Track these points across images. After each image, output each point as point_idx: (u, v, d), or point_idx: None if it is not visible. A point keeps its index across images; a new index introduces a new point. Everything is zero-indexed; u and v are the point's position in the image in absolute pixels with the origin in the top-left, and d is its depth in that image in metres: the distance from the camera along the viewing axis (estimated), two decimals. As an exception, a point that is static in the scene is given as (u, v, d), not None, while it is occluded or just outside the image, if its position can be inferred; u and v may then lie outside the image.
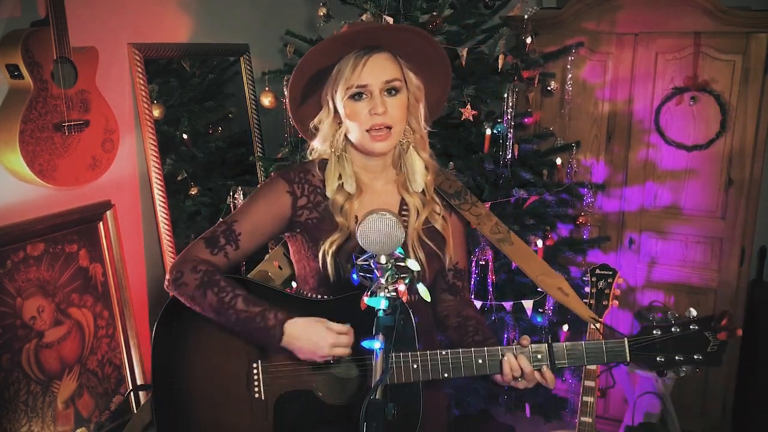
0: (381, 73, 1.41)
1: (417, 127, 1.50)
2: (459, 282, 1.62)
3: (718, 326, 1.35)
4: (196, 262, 1.44)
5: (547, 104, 3.07)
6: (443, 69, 1.50)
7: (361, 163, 1.51)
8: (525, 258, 1.57)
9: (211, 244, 1.47)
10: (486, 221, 1.56)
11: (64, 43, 2.10)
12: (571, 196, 2.75)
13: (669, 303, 3.06)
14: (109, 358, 2.49)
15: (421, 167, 1.52)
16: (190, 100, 2.83)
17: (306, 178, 1.51)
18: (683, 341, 1.36)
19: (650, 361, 1.37)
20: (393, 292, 1.19)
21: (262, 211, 1.49)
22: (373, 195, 1.52)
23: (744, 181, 2.86)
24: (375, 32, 1.42)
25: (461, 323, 1.56)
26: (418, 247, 1.50)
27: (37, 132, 2.08)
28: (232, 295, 1.39)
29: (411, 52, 1.44)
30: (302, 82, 1.46)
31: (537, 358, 1.37)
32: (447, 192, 1.56)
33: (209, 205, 2.84)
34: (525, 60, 2.57)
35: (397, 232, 1.17)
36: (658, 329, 1.37)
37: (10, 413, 2.14)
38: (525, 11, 2.62)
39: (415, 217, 1.52)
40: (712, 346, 1.35)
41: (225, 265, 1.47)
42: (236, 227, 1.47)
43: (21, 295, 2.18)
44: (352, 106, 1.42)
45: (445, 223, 1.55)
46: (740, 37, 2.76)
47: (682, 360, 1.36)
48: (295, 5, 3.29)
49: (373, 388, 1.12)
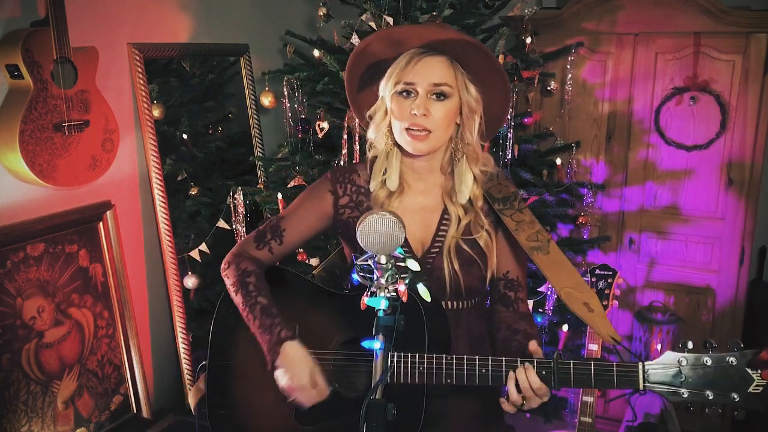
0: (431, 75, 1.39)
1: (470, 138, 1.47)
2: (511, 293, 1.54)
3: (758, 360, 1.13)
4: (242, 257, 1.54)
5: (547, 104, 3.07)
6: (502, 83, 1.46)
7: (407, 162, 1.50)
8: (556, 269, 1.46)
9: (258, 239, 1.56)
10: (526, 228, 1.48)
11: (64, 43, 2.10)
12: (571, 196, 2.75)
13: (669, 303, 3.06)
14: (109, 358, 2.49)
15: (470, 180, 1.49)
16: (190, 100, 2.83)
17: (350, 178, 1.55)
18: (717, 376, 1.14)
19: (671, 394, 1.17)
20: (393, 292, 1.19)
21: (306, 209, 1.56)
22: (416, 196, 1.52)
23: (744, 181, 2.85)
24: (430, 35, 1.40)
25: (508, 337, 1.49)
26: (454, 256, 1.48)
27: (37, 132, 2.08)
28: (253, 302, 1.47)
29: (468, 61, 1.42)
30: (360, 68, 1.47)
31: (542, 374, 1.27)
32: (493, 196, 1.51)
33: (209, 205, 2.84)
34: (525, 60, 2.57)
35: (397, 232, 1.17)
36: (686, 357, 1.16)
37: (10, 413, 2.14)
38: (525, 11, 2.62)
39: (456, 225, 1.49)
40: (756, 386, 1.12)
41: (269, 259, 1.56)
42: (282, 223, 1.55)
43: (21, 295, 2.18)
44: (398, 102, 1.42)
45: (489, 240, 1.51)
46: (740, 37, 2.76)
47: (712, 398, 1.15)
48: (295, 5, 3.29)
49: (373, 388, 1.12)
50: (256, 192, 2.71)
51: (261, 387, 1.51)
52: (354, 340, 1.47)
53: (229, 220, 2.72)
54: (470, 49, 1.41)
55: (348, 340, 1.49)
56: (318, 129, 2.54)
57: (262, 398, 1.51)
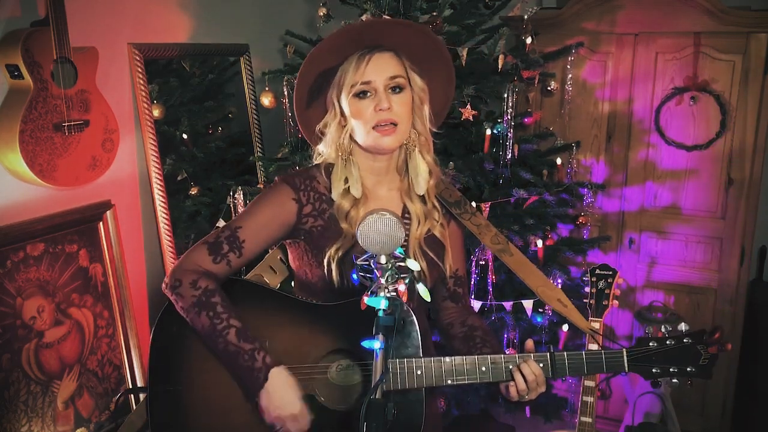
0: (385, 70, 1.41)
1: (422, 128, 1.50)
2: (460, 289, 1.62)
3: (710, 340, 1.40)
4: (197, 273, 1.41)
5: (547, 104, 3.07)
6: (446, 68, 1.50)
7: (366, 165, 1.50)
8: (525, 269, 1.57)
9: (214, 251, 1.43)
10: (486, 231, 1.56)
11: (64, 43, 2.10)
12: (571, 196, 2.75)
13: (669, 303, 3.06)
14: (109, 358, 2.49)
15: (425, 170, 1.51)
16: (190, 100, 2.83)
17: (311, 185, 1.49)
18: (677, 354, 1.42)
19: (646, 371, 1.43)
20: (393, 292, 1.19)
21: (266, 218, 1.47)
22: (377, 202, 1.51)
23: (744, 181, 2.86)
24: (376, 27, 1.43)
25: (467, 333, 1.56)
26: (419, 255, 1.50)
27: (37, 132, 2.08)
28: (226, 325, 1.36)
29: (414, 50, 1.44)
30: (309, 81, 1.46)
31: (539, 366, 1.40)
32: (448, 201, 1.55)
33: (209, 205, 2.84)
34: (525, 60, 2.57)
35: (397, 232, 1.17)
36: (654, 341, 1.43)
37: (10, 413, 2.14)
38: (525, 11, 2.62)
39: (417, 225, 1.51)
40: (704, 359, 1.41)
41: (226, 273, 1.45)
42: (240, 234, 1.44)
43: (21, 295, 2.18)
44: (357, 105, 1.42)
45: (444, 231, 1.55)
46: (740, 37, 2.76)
47: (675, 372, 1.42)
48: (295, 5, 3.29)
49: (373, 387, 1.12)
50: (256, 192, 2.71)
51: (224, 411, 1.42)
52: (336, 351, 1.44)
53: (229, 220, 2.71)
54: (410, 33, 1.43)
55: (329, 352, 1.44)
56: (318, 129, 2.53)
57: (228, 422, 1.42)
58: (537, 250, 2.55)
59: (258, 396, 1.35)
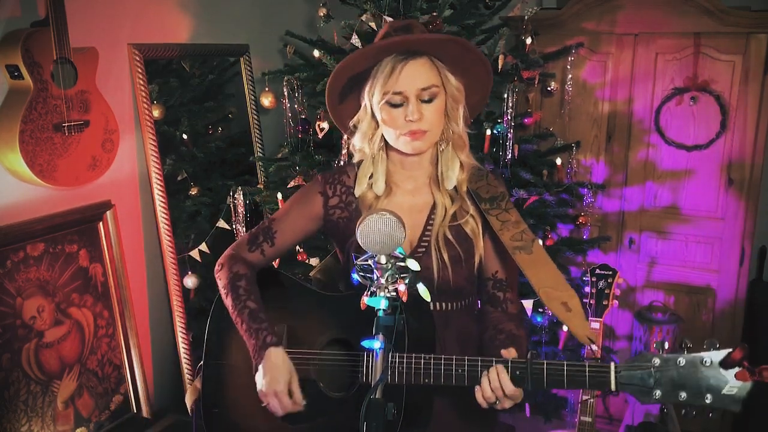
0: (417, 81, 1.40)
1: (456, 128, 1.49)
2: (500, 293, 1.54)
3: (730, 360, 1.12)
4: (235, 259, 1.56)
5: (547, 104, 3.07)
6: (484, 70, 1.49)
7: (398, 160, 1.51)
8: (539, 268, 1.45)
9: (251, 241, 1.58)
10: (511, 228, 1.47)
11: (64, 44, 2.10)
12: (571, 196, 2.75)
13: (669, 303, 3.06)
14: (109, 358, 2.49)
15: (457, 167, 1.51)
16: (190, 100, 2.83)
17: (340, 179, 1.55)
18: (690, 377, 1.13)
19: (643, 394, 1.16)
20: (393, 292, 1.19)
21: (296, 211, 1.58)
22: (404, 196, 1.52)
23: (744, 181, 2.86)
24: (412, 43, 1.40)
25: (492, 336, 1.49)
26: (443, 247, 1.47)
27: (37, 132, 2.08)
28: (242, 306, 1.49)
29: (449, 57, 1.43)
30: (339, 85, 1.47)
31: (515, 374, 1.28)
32: (480, 196, 1.51)
33: (209, 205, 2.84)
34: (525, 60, 2.57)
35: (398, 232, 1.17)
36: (659, 358, 1.14)
37: (10, 413, 2.14)
38: (525, 12, 2.62)
39: (443, 215, 1.50)
40: (730, 387, 1.09)
41: (262, 261, 1.58)
42: (274, 225, 1.57)
43: (21, 295, 2.18)
44: (389, 112, 1.42)
45: (476, 226, 1.51)
46: (740, 37, 2.76)
47: (685, 399, 1.13)
48: (295, 5, 3.29)
49: (373, 387, 1.12)
50: (256, 192, 2.71)
51: (252, 387, 1.51)
52: (341, 341, 1.49)
53: (229, 220, 2.72)
54: (445, 46, 1.42)
55: (334, 340, 1.50)
56: (318, 129, 2.54)
57: (253, 398, 1.51)
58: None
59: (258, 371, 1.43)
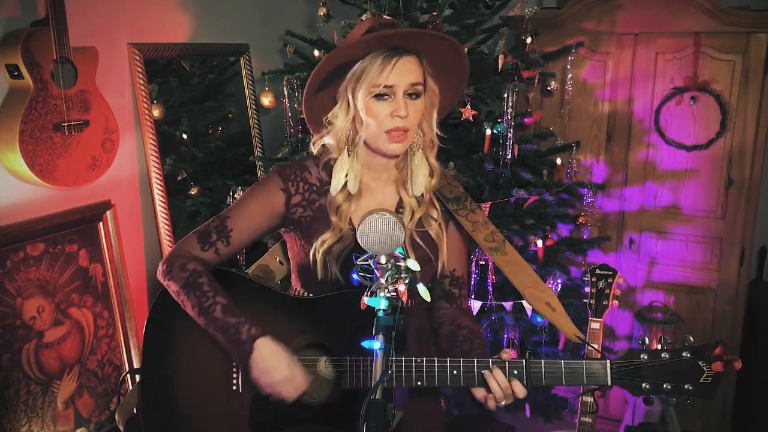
0: (408, 76, 1.39)
1: (428, 130, 1.49)
2: (456, 290, 1.59)
3: (713, 355, 1.25)
4: (186, 258, 1.45)
5: (547, 104, 3.07)
6: (461, 78, 1.50)
7: (365, 161, 1.50)
8: (516, 269, 1.53)
9: (202, 240, 1.48)
10: (482, 229, 1.53)
11: (64, 43, 2.10)
12: (571, 196, 2.75)
13: (669, 303, 3.06)
14: (109, 358, 2.49)
15: (426, 171, 1.50)
16: (190, 100, 2.83)
17: (302, 176, 1.51)
18: (673, 369, 1.27)
19: (635, 386, 1.29)
20: (393, 292, 1.19)
21: (254, 208, 1.50)
22: (371, 196, 1.51)
23: (744, 181, 2.86)
24: (407, 36, 1.40)
25: (453, 331, 1.52)
26: (410, 250, 1.49)
27: (37, 132, 2.08)
28: (212, 302, 1.39)
29: (436, 58, 1.43)
30: (325, 71, 1.45)
31: (513, 373, 1.32)
32: (446, 197, 1.54)
33: (209, 205, 2.84)
34: (525, 60, 2.57)
35: (398, 232, 1.17)
36: (645, 353, 1.29)
37: (10, 413, 2.14)
38: (525, 11, 2.62)
39: (410, 217, 1.50)
40: (706, 376, 1.25)
41: (215, 260, 1.49)
42: (228, 223, 1.49)
43: (21, 295, 2.18)
44: (375, 106, 1.40)
45: (440, 231, 1.53)
46: (740, 37, 2.76)
47: (669, 389, 1.28)
48: (295, 5, 3.29)
49: (373, 387, 1.12)
50: (256, 192, 2.71)
51: (208, 397, 1.45)
52: (315, 345, 1.45)
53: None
54: (438, 44, 1.42)
55: (308, 345, 1.45)
56: (318, 129, 2.53)
57: (209, 409, 1.45)
58: (537, 250, 2.55)
59: (249, 368, 1.36)
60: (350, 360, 1.40)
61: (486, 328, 2.57)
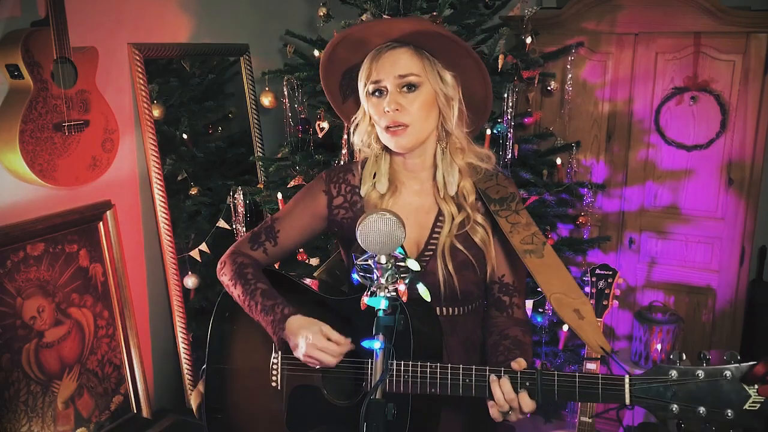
0: (395, 68, 1.35)
1: (451, 127, 1.41)
2: (506, 297, 1.50)
3: (758, 377, 1.03)
4: (238, 255, 1.55)
5: (547, 104, 3.07)
6: (473, 62, 1.39)
7: (399, 161, 1.48)
8: (549, 273, 1.39)
9: (253, 240, 1.56)
10: (521, 230, 1.43)
11: (64, 43, 2.10)
12: (571, 196, 2.75)
13: (669, 303, 3.06)
14: (109, 358, 2.49)
15: (456, 172, 1.44)
16: (190, 100, 2.83)
17: (345, 178, 1.52)
18: (711, 391, 1.05)
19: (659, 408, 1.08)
20: (393, 292, 1.19)
21: (300, 210, 1.55)
22: (410, 196, 1.48)
23: (744, 181, 2.86)
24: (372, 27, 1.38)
25: (497, 342, 1.44)
26: (448, 257, 1.43)
27: (37, 132, 2.08)
28: (254, 288, 1.46)
29: (437, 48, 1.37)
30: (334, 78, 1.45)
31: (525, 385, 1.23)
32: (490, 197, 1.46)
33: (209, 205, 2.84)
34: (525, 60, 2.57)
35: (398, 232, 1.17)
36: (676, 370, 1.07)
37: (10, 413, 2.14)
38: (525, 11, 2.62)
39: (449, 224, 1.44)
40: (752, 402, 1.02)
41: (264, 260, 1.56)
42: (276, 224, 1.55)
43: (21, 295, 2.18)
44: (373, 103, 1.39)
45: (486, 235, 1.46)
46: (740, 37, 2.75)
47: (704, 415, 1.05)
48: (295, 5, 3.29)
49: (373, 388, 1.12)
50: (256, 192, 2.71)
51: (255, 392, 1.50)
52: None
53: (229, 220, 2.72)
54: (433, 37, 1.36)
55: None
56: (318, 129, 2.54)
57: (255, 403, 1.50)
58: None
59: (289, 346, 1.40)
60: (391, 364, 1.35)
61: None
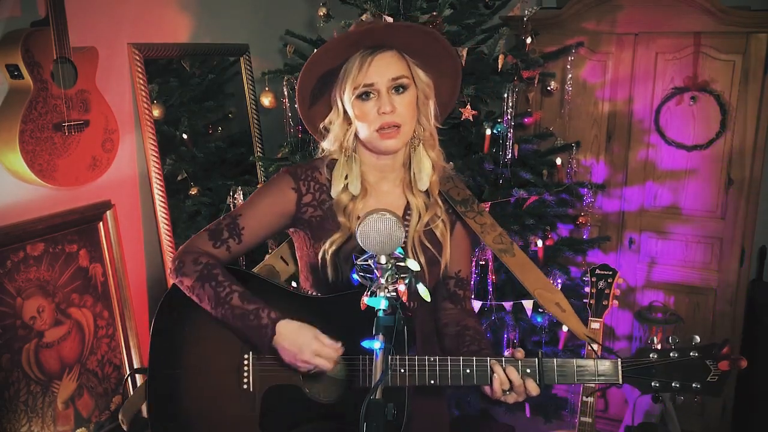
0: (387, 71, 1.39)
1: (426, 124, 1.48)
2: (460, 291, 1.59)
3: (720, 355, 1.29)
4: (198, 253, 1.46)
5: (547, 104, 3.07)
6: (452, 63, 1.48)
7: (371, 162, 1.50)
8: (525, 270, 1.53)
9: (214, 237, 1.48)
10: (490, 231, 1.54)
11: (64, 43, 2.10)
12: (571, 196, 2.75)
13: (669, 303, 3.06)
14: (109, 358, 2.49)
15: (428, 166, 1.50)
16: (190, 100, 2.83)
17: (313, 176, 1.51)
18: (681, 368, 1.31)
19: (644, 384, 1.33)
20: (393, 292, 1.19)
21: (266, 207, 1.50)
22: (379, 197, 1.51)
23: (744, 181, 2.86)
24: (378, 32, 1.40)
25: (459, 332, 1.53)
26: (419, 251, 1.49)
27: (37, 132, 2.08)
28: (229, 291, 1.40)
29: (417, 49, 1.43)
30: (310, 83, 1.46)
31: (526, 372, 1.34)
32: (454, 198, 1.54)
33: (209, 205, 2.84)
34: (525, 60, 2.57)
35: (397, 232, 1.17)
36: (654, 352, 1.33)
37: (10, 413, 2.14)
38: (525, 11, 2.62)
39: (417, 219, 1.50)
40: (713, 375, 1.30)
41: (227, 258, 1.49)
42: (240, 221, 1.49)
43: (21, 295, 2.18)
44: (361, 106, 1.41)
45: (445, 230, 1.53)
46: (740, 37, 2.76)
47: (678, 387, 1.32)
48: (295, 5, 3.29)
49: (373, 388, 1.12)
50: (256, 192, 2.71)
51: (216, 396, 1.44)
52: None
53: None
54: (412, 35, 1.41)
55: None
56: (318, 129, 2.53)
57: (217, 407, 1.45)
58: (537, 250, 2.55)
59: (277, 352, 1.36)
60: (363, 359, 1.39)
61: (486, 328, 2.57)
